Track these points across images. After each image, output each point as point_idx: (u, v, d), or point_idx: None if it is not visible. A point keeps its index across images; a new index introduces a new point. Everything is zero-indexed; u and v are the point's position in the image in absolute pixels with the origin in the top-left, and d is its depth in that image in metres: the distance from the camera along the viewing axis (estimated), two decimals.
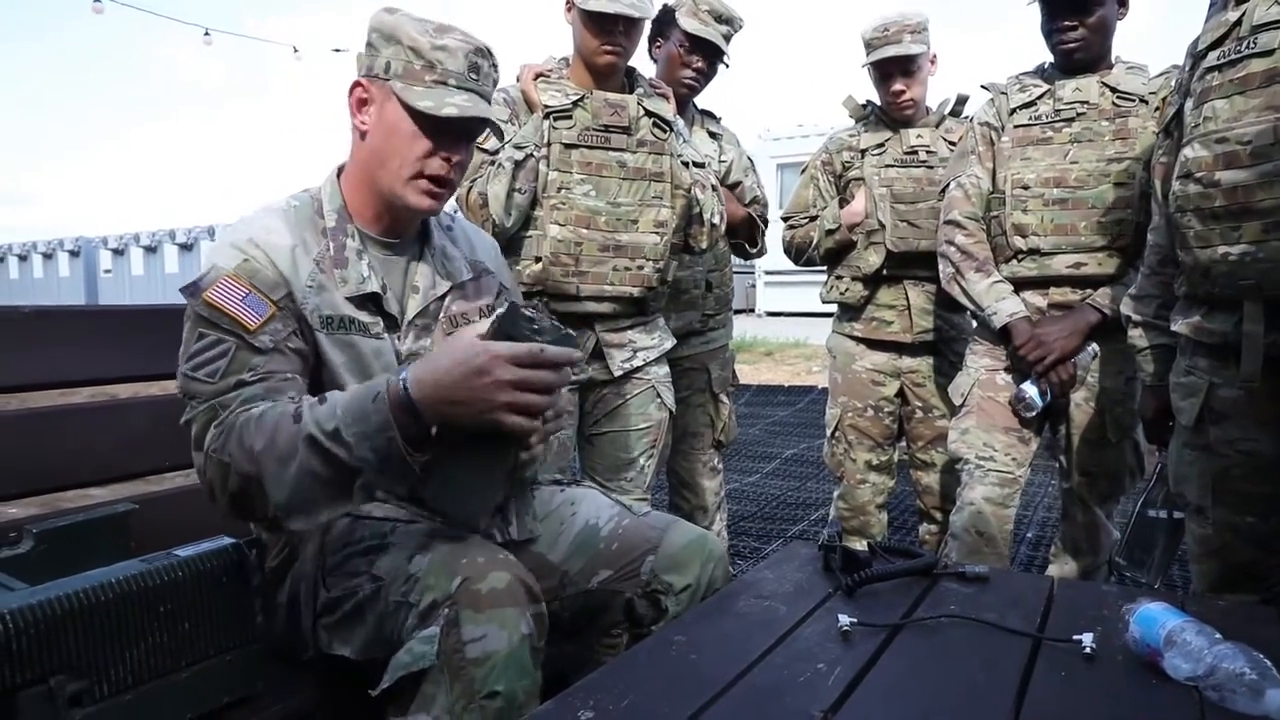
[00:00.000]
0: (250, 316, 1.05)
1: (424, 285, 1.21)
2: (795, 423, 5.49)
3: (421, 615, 0.99)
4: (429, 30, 1.12)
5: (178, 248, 20.65)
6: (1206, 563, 1.44)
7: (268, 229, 1.12)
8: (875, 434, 2.25)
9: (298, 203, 1.18)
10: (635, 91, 1.83)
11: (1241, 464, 1.35)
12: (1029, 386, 1.85)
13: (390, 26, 1.13)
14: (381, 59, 1.13)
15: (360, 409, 0.98)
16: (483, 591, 0.97)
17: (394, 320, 1.18)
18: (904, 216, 2.14)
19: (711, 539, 1.28)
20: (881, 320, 2.22)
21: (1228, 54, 1.28)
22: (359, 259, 1.15)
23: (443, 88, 1.11)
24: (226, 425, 1.02)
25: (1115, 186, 1.80)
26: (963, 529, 1.90)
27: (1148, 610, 0.95)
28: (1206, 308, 1.36)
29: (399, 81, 1.11)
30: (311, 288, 1.11)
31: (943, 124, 2.21)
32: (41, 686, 0.86)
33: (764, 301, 12.24)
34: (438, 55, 1.11)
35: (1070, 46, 1.83)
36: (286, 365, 1.07)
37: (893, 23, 2.08)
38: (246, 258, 1.08)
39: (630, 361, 1.84)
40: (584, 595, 1.23)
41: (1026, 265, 1.88)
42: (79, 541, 1.15)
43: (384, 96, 1.13)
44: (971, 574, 1.21)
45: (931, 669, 0.95)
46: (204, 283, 1.07)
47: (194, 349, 1.06)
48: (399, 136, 1.12)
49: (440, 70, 1.12)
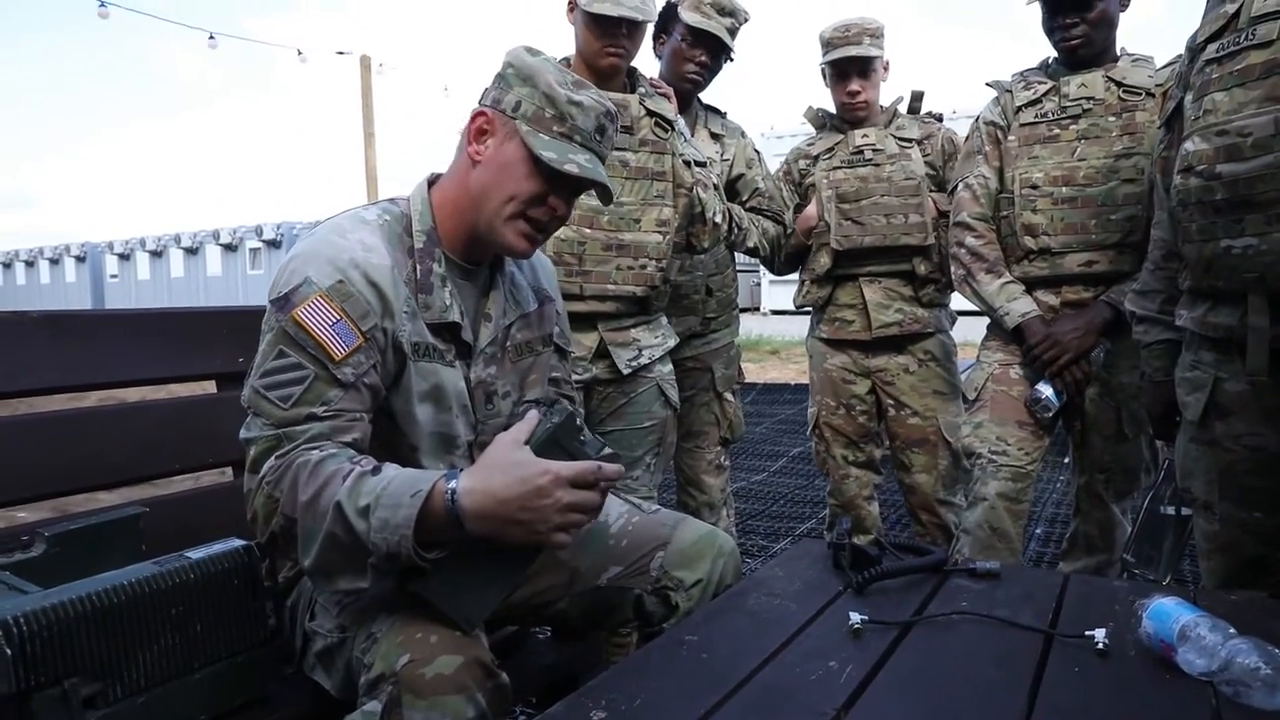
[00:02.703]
0: (337, 346, 1.02)
1: (495, 314, 1.19)
2: (802, 420, 5.43)
3: (369, 685, 0.96)
4: (567, 83, 1.12)
5: (183, 252, 20.73)
6: (1215, 558, 1.43)
7: (366, 247, 1.07)
8: (850, 431, 2.29)
9: (389, 217, 1.14)
10: (637, 91, 1.83)
11: (1248, 459, 1.34)
12: (1044, 387, 1.84)
13: (530, 69, 1.12)
14: (512, 96, 1.12)
15: (397, 497, 0.95)
16: (426, 676, 0.92)
17: (466, 348, 1.16)
18: (848, 215, 2.16)
19: (721, 535, 1.27)
20: (843, 320, 2.25)
21: (1227, 46, 1.27)
22: (442, 286, 1.13)
23: (568, 143, 1.11)
24: (286, 461, 0.99)
25: (1124, 183, 1.79)
26: (976, 524, 1.90)
27: (1161, 605, 0.95)
28: (1211, 302, 1.35)
29: (526, 124, 1.10)
30: (408, 313, 1.09)
31: (894, 122, 2.22)
32: (56, 689, 0.86)
33: (769, 300, 12.23)
34: (571, 110, 1.11)
35: (1073, 43, 1.82)
36: (359, 404, 1.04)
37: (854, 25, 2.13)
38: (343, 279, 1.04)
39: (637, 360, 1.84)
40: (593, 592, 1.22)
41: (1038, 265, 1.87)
42: (91, 545, 1.15)
43: (507, 133, 1.11)
44: (982, 570, 1.21)
45: (944, 666, 0.95)
46: (296, 298, 1.02)
47: (270, 365, 1.02)
48: (512, 176, 1.11)
49: (569, 125, 1.11)
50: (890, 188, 2.15)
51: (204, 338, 1.50)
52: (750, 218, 2.16)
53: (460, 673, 0.93)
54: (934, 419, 2.20)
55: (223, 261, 19.81)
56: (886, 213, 2.14)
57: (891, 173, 2.15)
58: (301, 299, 1.02)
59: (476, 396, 1.17)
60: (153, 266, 21.64)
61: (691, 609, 1.19)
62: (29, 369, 1.30)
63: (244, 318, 1.43)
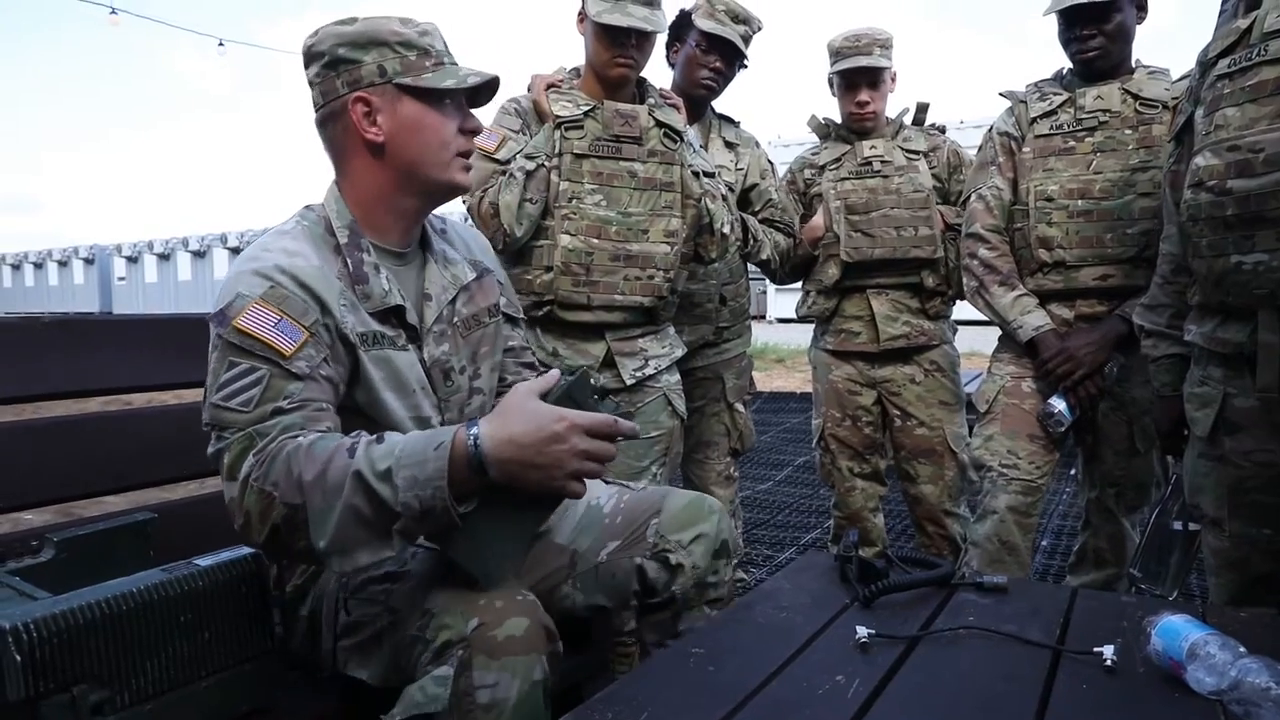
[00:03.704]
0: (285, 342, 1.02)
1: (435, 292, 1.21)
2: (807, 430, 5.43)
3: (436, 653, 0.97)
4: (398, 23, 1.13)
5: (191, 255, 20.85)
6: (1224, 575, 1.42)
7: (290, 252, 1.08)
8: (855, 443, 2.28)
9: (307, 222, 1.15)
10: (646, 102, 1.84)
11: (1258, 475, 1.33)
12: (1057, 401, 1.83)
13: (363, 35, 1.11)
14: (368, 68, 1.11)
15: (419, 453, 0.96)
16: (498, 638, 0.95)
17: (414, 330, 1.17)
18: (857, 226, 2.16)
19: (708, 498, 1.29)
20: (849, 331, 2.24)
21: (1239, 61, 1.27)
22: (377, 273, 1.14)
23: (444, 68, 1.13)
24: (269, 454, 0.98)
25: (1141, 196, 1.78)
26: (985, 537, 1.89)
27: (1170, 623, 0.94)
28: (1220, 317, 1.35)
29: (407, 77, 1.11)
30: (346, 305, 1.09)
31: (900, 133, 2.23)
32: (64, 695, 0.86)
33: (775, 308, 12.24)
34: (426, 41, 1.13)
35: (1090, 55, 1.81)
36: (321, 394, 1.04)
37: (864, 35, 2.13)
38: (273, 284, 1.05)
39: (642, 370, 1.84)
40: (595, 571, 1.23)
41: (1052, 278, 1.87)
42: (99, 550, 1.16)
43: (392, 98, 1.11)
44: (990, 584, 1.20)
45: (951, 681, 0.94)
46: (231, 310, 1.03)
47: (224, 378, 1.01)
48: (429, 126, 1.13)
49: (435, 53, 1.13)
50: (899, 200, 2.15)
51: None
52: (763, 230, 2.16)
53: (530, 633, 0.97)
54: (940, 429, 2.20)
55: (229, 265, 19.93)
56: (896, 225, 2.14)
57: (900, 184, 2.15)
58: (238, 310, 1.03)
59: (434, 376, 1.18)
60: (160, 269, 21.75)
61: (696, 564, 1.20)
62: (40, 374, 1.31)
63: None
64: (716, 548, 1.23)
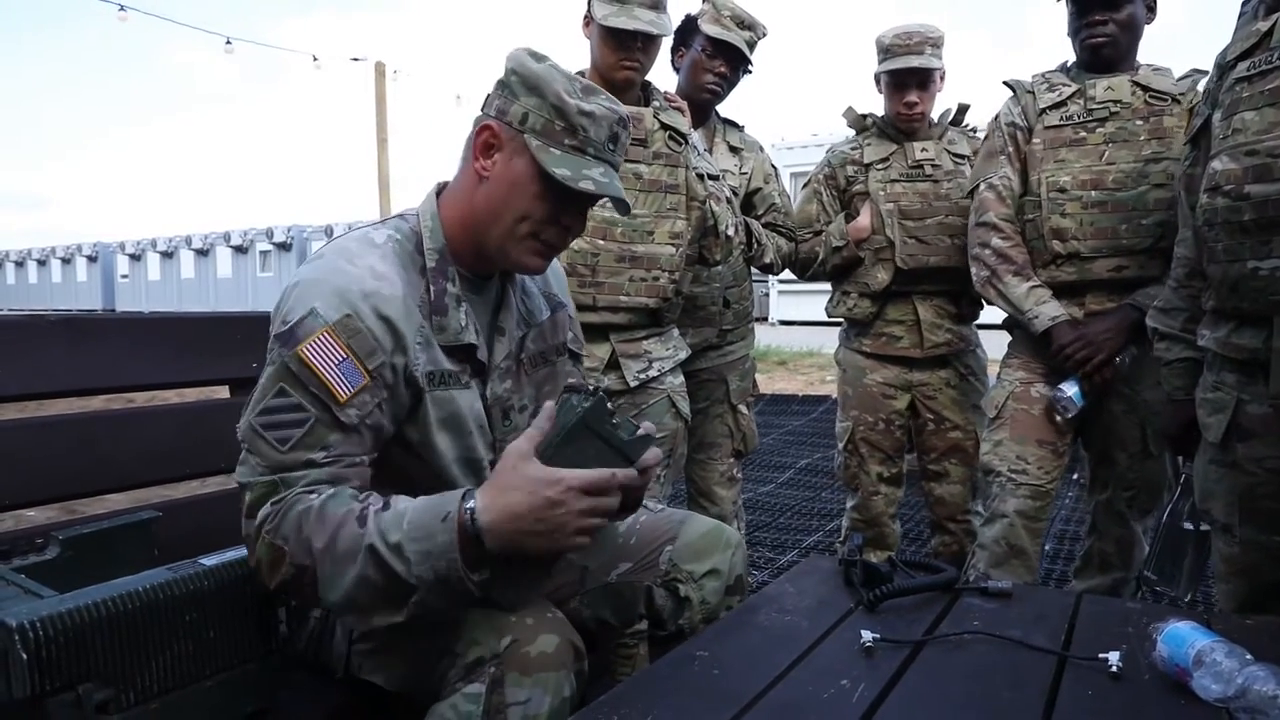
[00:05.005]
0: (342, 387, 0.98)
1: (509, 327, 1.17)
2: (809, 432, 5.46)
3: (466, 669, 0.97)
4: (577, 91, 1.06)
5: (194, 253, 20.86)
6: (1234, 581, 1.41)
7: (377, 275, 1.03)
8: (886, 447, 2.25)
9: (399, 236, 1.10)
10: (651, 104, 1.84)
11: (1269, 482, 1.32)
12: (1069, 386, 1.80)
13: (536, 77, 1.06)
14: (519, 107, 1.06)
15: (427, 527, 0.93)
16: (531, 655, 0.95)
17: (480, 365, 1.13)
18: (912, 233, 2.14)
19: (728, 529, 1.28)
20: (891, 335, 2.22)
21: (1258, 65, 1.25)
22: (457, 306, 1.09)
23: (581, 156, 1.06)
24: (284, 506, 0.96)
25: (1155, 187, 1.76)
26: (993, 540, 1.89)
27: (1175, 629, 0.94)
28: (1235, 322, 1.34)
29: (536, 138, 1.05)
30: (421, 344, 1.05)
31: (945, 135, 2.21)
32: (70, 693, 0.86)
33: (778, 310, 12.24)
34: (582, 121, 1.05)
35: (1098, 41, 1.80)
36: (359, 447, 1.01)
37: (916, 32, 2.07)
38: (351, 313, 0.99)
39: (646, 372, 1.84)
40: (604, 589, 1.23)
41: (1066, 270, 1.84)
42: (104, 548, 1.16)
43: (515, 148, 1.07)
44: (994, 589, 1.20)
45: (956, 687, 0.94)
46: (301, 331, 0.98)
47: (271, 404, 0.98)
48: (523, 194, 1.07)
49: (582, 138, 1.06)
50: (952, 206, 2.12)
51: (218, 343, 1.51)
52: (766, 234, 2.16)
53: (560, 650, 0.98)
54: (974, 432, 2.20)
55: (233, 263, 19.93)
56: (951, 233, 2.11)
57: (950, 190, 2.13)
58: (307, 333, 0.98)
59: (494, 414, 1.15)
60: (163, 267, 21.77)
61: (706, 599, 1.19)
62: (44, 371, 1.31)
63: (258, 324, 1.44)
64: (730, 584, 1.21)
